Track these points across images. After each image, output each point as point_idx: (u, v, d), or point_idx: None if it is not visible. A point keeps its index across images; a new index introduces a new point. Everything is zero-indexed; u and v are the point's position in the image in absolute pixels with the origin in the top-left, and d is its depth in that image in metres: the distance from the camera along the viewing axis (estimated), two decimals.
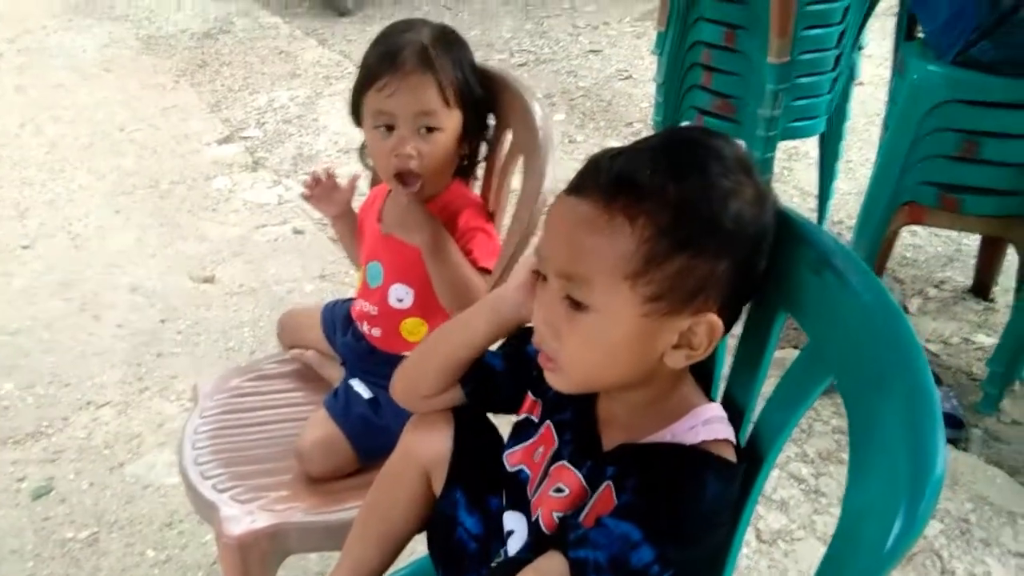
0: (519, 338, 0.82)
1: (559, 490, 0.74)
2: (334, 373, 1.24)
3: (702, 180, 0.64)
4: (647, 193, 0.63)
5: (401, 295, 1.14)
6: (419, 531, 0.89)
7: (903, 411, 0.54)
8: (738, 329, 0.75)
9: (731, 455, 0.68)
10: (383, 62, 1.06)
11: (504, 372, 0.83)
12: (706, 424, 0.68)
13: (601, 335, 0.66)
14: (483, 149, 1.18)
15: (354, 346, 1.20)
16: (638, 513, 0.65)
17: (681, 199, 0.63)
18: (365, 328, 1.18)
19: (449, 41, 1.09)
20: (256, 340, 2.08)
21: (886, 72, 2.21)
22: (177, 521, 1.59)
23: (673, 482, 0.66)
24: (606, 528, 0.64)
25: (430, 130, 1.06)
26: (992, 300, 2.23)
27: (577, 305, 0.66)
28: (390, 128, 1.07)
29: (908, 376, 0.55)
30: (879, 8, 2.25)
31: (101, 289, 2.29)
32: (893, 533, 0.52)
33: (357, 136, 1.17)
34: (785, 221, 0.68)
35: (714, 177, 0.64)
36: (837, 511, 1.66)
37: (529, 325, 0.76)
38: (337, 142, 3.12)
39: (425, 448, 0.85)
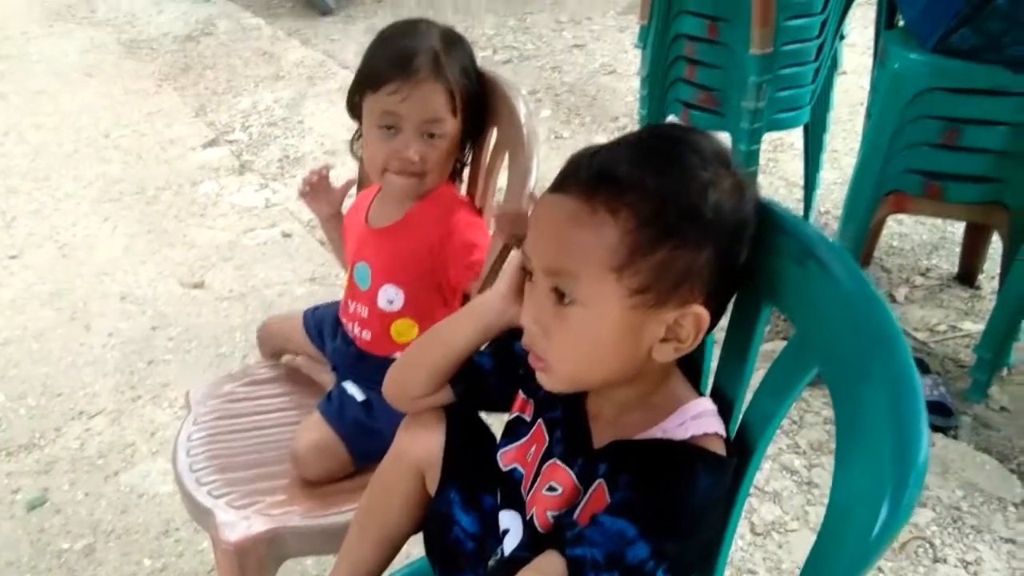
0: (507, 336, 0.83)
1: (552, 488, 0.74)
2: (326, 377, 1.24)
3: (681, 172, 0.66)
4: (627, 186, 0.65)
5: (391, 296, 1.14)
6: (415, 532, 0.89)
7: (886, 400, 0.55)
8: (725, 322, 0.76)
9: (721, 449, 0.69)
10: (395, 66, 1.05)
11: (493, 371, 0.84)
12: (695, 419, 0.69)
13: (589, 329, 0.67)
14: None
15: (344, 351, 1.20)
16: (632, 510, 0.65)
17: (661, 190, 0.64)
18: (356, 331, 1.18)
19: (455, 44, 1.09)
20: (248, 344, 2.08)
21: (869, 61, 2.22)
22: (173, 529, 1.59)
23: (665, 478, 0.67)
24: (602, 526, 0.65)
25: (433, 135, 1.07)
26: (978, 287, 2.25)
27: (564, 299, 0.67)
28: (392, 128, 1.07)
29: (890, 365, 0.56)
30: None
31: (91, 298, 2.28)
32: (879, 521, 0.53)
33: (343, 138, 1.17)
34: (768, 213, 0.69)
35: (692, 169, 0.66)
36: None
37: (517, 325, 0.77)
38: (323, 144, 3.12)
39: (418, 448, 0.86)
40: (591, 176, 0.66)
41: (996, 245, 2.17)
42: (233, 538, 1.00)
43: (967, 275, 2.26)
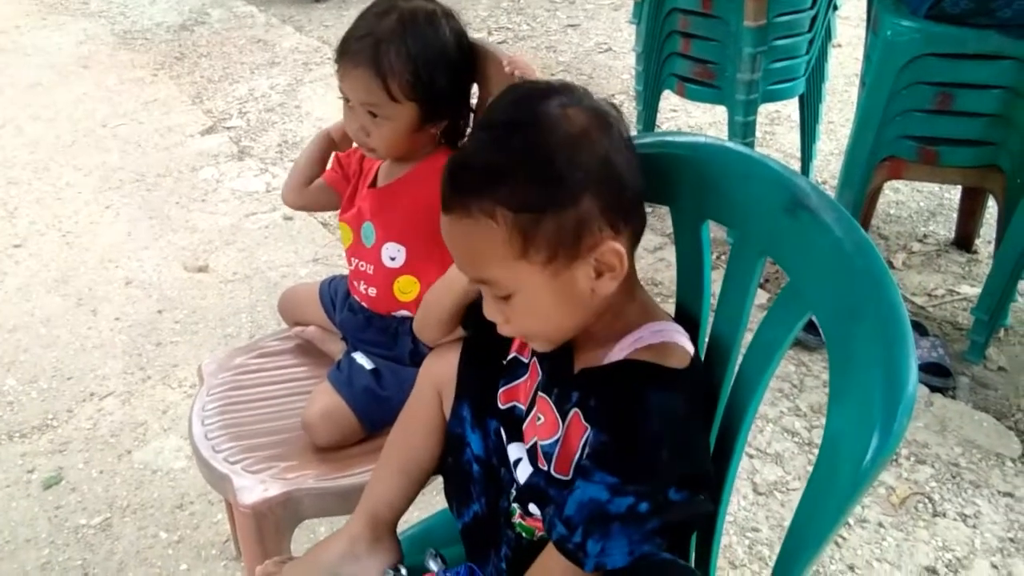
0: None
1: (539, 419, 0.79)
2: (335, 348, 1.27)
3: (531, 147, 0.69)
4: (489, 183, 0.69)
5: (393, 253, 1.17)
6: (436, 461, 0.93)
7: (876, 335, 0.58)
8: (720, 274, 0.79)
9: (678, 356, 0.72)
10: (340, 46, 1.10)
11: None
12: (657, 332, 0.74)
13: (534, 308, 0.73)
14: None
15: (352, 319, 1.23)
16: (601, 458, 0.70)
17: (517, 172, 0.68)
18: (361, 288, 1.21)
19: (417, 29, 1.09)
20: (254, 325, 2.11)
21: (863, 33, 2.24)
22: (188, 503, 1.62)
23: (620, 407, 0.71)
24: (576, 499, 0.70)
25: (375, 115, 1.10)
26: (975, 251, 2.28)
27: (503, 298, 0.73)
28: (348, 101, 1.12)
29: (879, 305, 0.58)
30: None
31: (96, 284, 2.30)
32: (871, 449, 0.56)
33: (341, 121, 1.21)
34: (762, 167, 0.71)
35: (542, 137, 0.69)
36: None
37: None
38: (321, 127, 3.11)
39: (437, 367, 0.93)
40: (458, 186, 0.71)
41: (992, 210, 2.20)
42: (250, 501, 1.03)
43: (964, 240, 2.29)
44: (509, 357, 0.88)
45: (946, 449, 1.68)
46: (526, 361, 0.85)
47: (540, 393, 0.80)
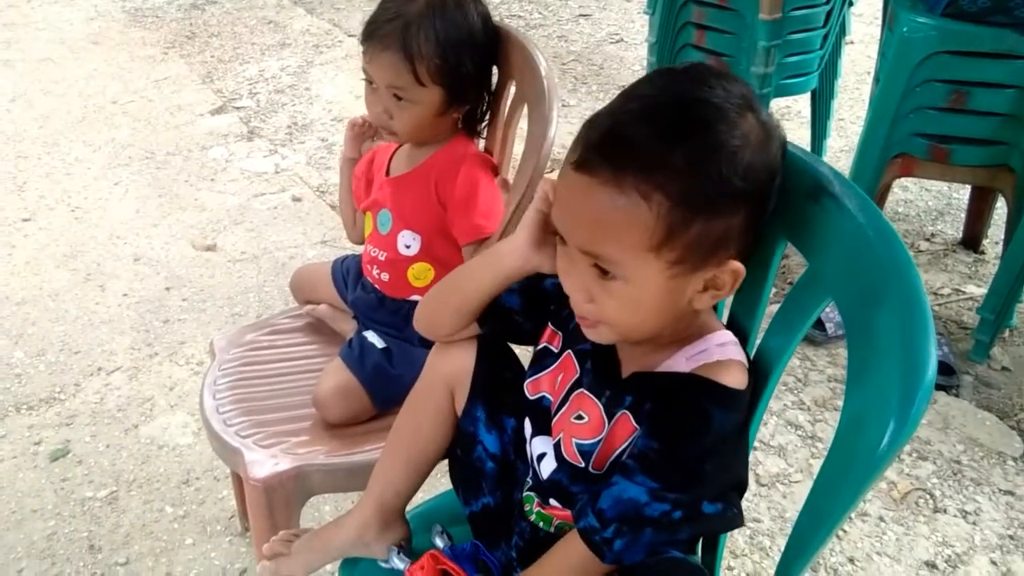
0: (538, 273, 0.85)
1: (579, 417, 0.78)
2: (346, 327, 1.28)
3: (707, 143, 0.64)
4: (655, 165, 0.64)
5: (408, 241, 1.18)
6: (442, 455, 0.92)
7: (897, 319, 0.58)
8: None
9: (742, 376, 0.72)
10: (367, 28, 1.10)
11: (520, 310, 0.86)
12: (720, 346, 0.72)
13: (633, 299, 0.69)
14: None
15: (364, 299, 1.24)
16: (647, 460, 0.69)
17: (690, 166, 0.64)
18: (374, 272, 1.22)
19: (446, 13, 1.09)
20: (262, 305, 2.11)
21: (875, 31, 2.24)
22: (194, 479, 1.63)
23: (679, 419, 0.70)
24: (616, 495, 0.70)
25: (400, 98, 1.10)
26: (982, 252, 2.28)
27: (606, 273, 0.68)
28: (373, 84, 1.12)
29: (901, 290, 0.59)
30: None
31: (104, 259, 2.31)
32: (888, 433, 0.56)
33: (350, 105, 1.21)
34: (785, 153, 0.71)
35: (720, 136, 0.64)
36: None
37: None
38: (331, 110, 3.13)
39: (449, 365, 0.89)
40: (614, 154, 0.65)
41: (1000, 212, 2.20)
42: (262, 475, 1.04)
43: (971, 240, 2.29)
44: (539, 347, 0.86)
45: (948, 446, 1.69)
46: (556, 351, 0.84)
47: (585, 392, 0.78)
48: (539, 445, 0.82)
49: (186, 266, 2.28)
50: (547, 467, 0.81)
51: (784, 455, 1.68)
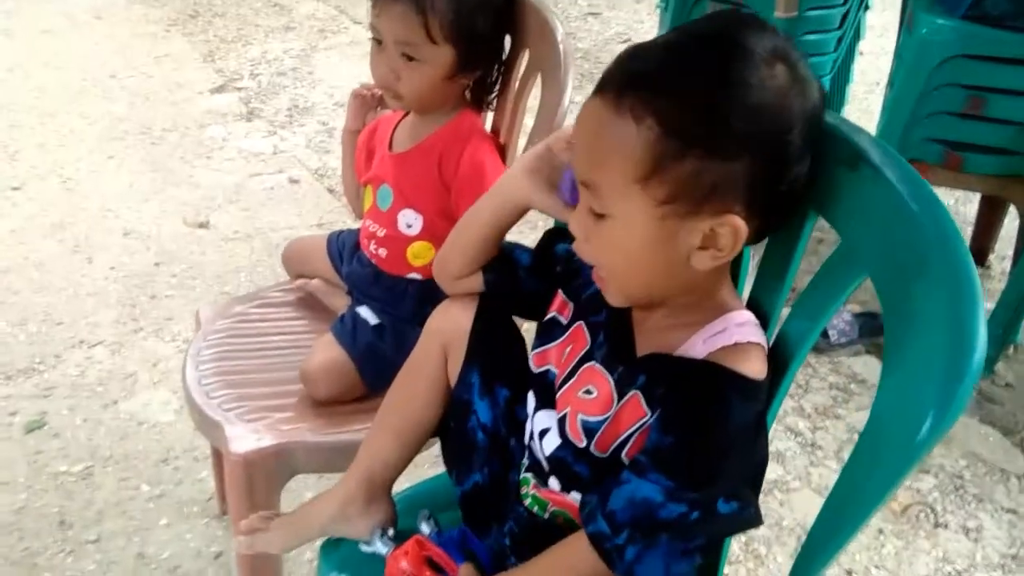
0: (554, 235, 0.82)
1: (588, 392, 0.73)
2: (339, 302, 1.23)
3: (718, 75, 0.61)
4: (657, 91, 0.61)
5: (410, 220, 1.12)
6: (436, 424, 0.88)
7: (942, 293, 0.53)
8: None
9: (760, 361, 0.67)
10: None
11: (528, 267, 0.83)
12: (740, 326, 0.67)
13: (623, 241, 0.65)
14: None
15: (360, 272, 1.19)
16: (661, 460, 0.64)
17: (691, 96, 0.61)
18: (372, 248, 1.17)
19: None
20: (252, 285, 2.06)
21: (886, 42, 2.21)
22: (172, 458, 1.57)
23: (695, 411, 0.65)
24: (628, 494, 0.64)
25: (412, 58, 1.04)
26: (988, 267, 2.24)
27: (598, 215, 0.66)
28: (380, 43, 1.06)
29: (948, 261, 0.54)
30: None
31: (94, 232, 2.25)
32: (928, 418, 0.51)
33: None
34: None
35: (732, 73, 0.61)
36: (833, 464, 1.67)
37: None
38: (333, 95, 3.08)
39: (447, 323, 0.86)
40: (622, 77, 0.63)
41: (1008, 226, 2.17)
42: (242, 450, 0.99)
43: (978, 254, 2.25)
44: (547, 317, 0.81)
45: (951, 461, 1.65)
46: (565, 323, 0.79)
47: (596, 366, 0.73)
48: (542, 420, 0.77)
49: (177, 242, 2.22)
50: (550, 444, 0.76)
51: (782, 461, 1.63)
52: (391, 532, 0.88)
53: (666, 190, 0.62)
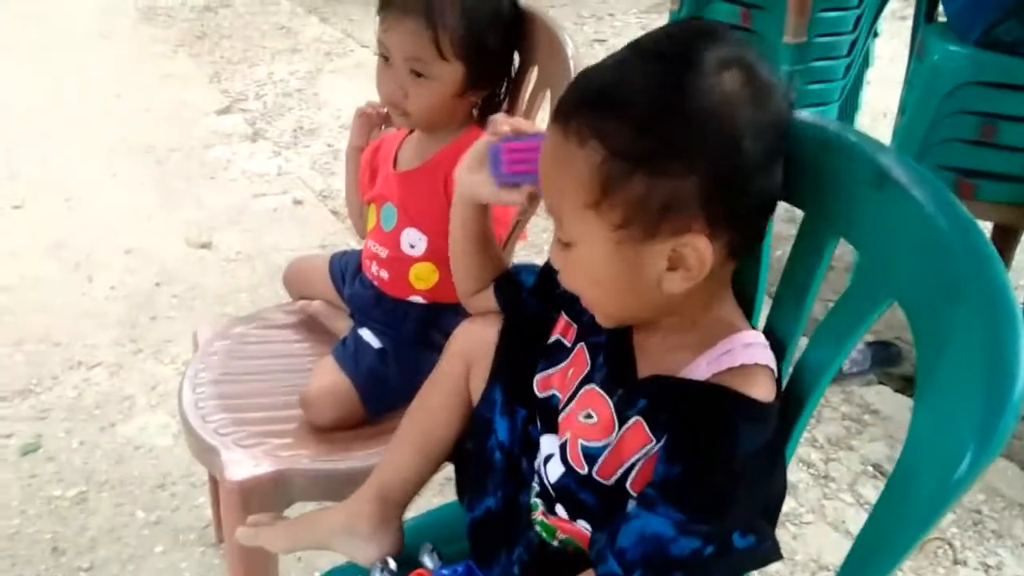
0: None
1: (588, 416, 0.70)
2: (341, 325, 1.20)
3: (657, 91, 0.58)
4: (599, 112, 0.59)
5: (414, 240, 1.10)
6: (455, 441, 0.85)
7: (979, 319, 0.50)
8: (781, 252, 0.72)
9: (769, 384, 0.64)
10: None
11: (531, 289, 0.83)
12: (747, 347, 0.64)
13: (588, 268, 0.64)
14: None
15: (362, 294, 1.16)
16: (670, 491, 0.61)
17: (630, 115, 0.58)
18: (373, 269, 1.14)
19: None
20: (254, 306, 2.02)
21: (894, 72, 2.19)
22: (169, 483, 1.54)
23: (702, 437, 0.62)
24: (638, 530, 0.61)
25: (420, 74, 1.02)
26: None
27: (565, 244, 0.65)
28: (387, 59, 1.04)
29: (983, 283, 0.51)
30: (889, 9, 2.22)
31: (95, 250, 2.23)
32: (968, 453, 0.48)
33: None
34: (837, 139, 0.64)
35: (673, 85, 0.58)
36: (846, 497, 1.62)
37: None
38: (339, 117, 3.07)
39: (472, 338, 0.84)
40: (572, 99, 0.62)
41: (1020, 257, 2.14)
42: (238, 477, 0.96)
43: None
44: (551, 340, 0.79)
45: (969, 495, 1.61)
46: (568, 346, 0.76)
47: (595, 388, 0.70)
48: (547, 445, 0.74)
49: (178, 262, 2.20)
50: (554, 471, 0.72)
51: (795, 494, 1.59)
52: (392, 565, 0.84)
53: (619, 214, 0.60)
